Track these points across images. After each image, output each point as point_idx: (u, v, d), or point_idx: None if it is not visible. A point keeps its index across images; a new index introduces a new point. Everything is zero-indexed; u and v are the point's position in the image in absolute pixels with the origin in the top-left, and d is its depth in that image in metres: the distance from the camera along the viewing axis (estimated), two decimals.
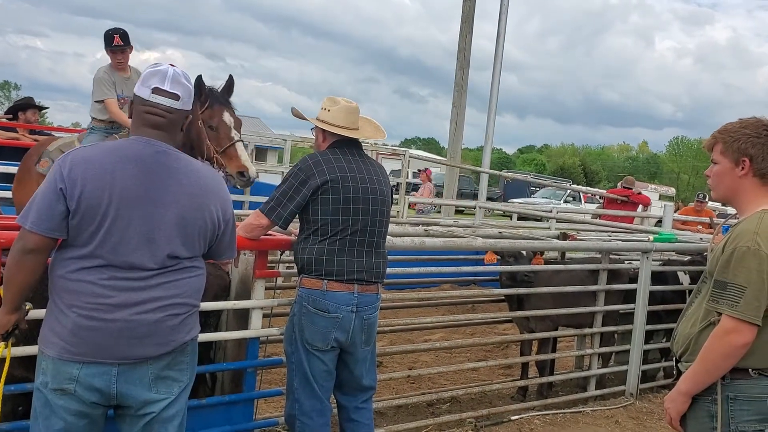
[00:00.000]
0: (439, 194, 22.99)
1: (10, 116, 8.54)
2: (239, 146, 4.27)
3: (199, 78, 4.13)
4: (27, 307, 2.50)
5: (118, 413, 2.50)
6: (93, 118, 5.88)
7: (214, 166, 4.21)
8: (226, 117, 4.26)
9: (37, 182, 5.60)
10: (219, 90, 4.32)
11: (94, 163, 2.37)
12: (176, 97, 2.49)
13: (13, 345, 2.55)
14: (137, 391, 2.42)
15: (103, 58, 6.05)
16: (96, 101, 5.74)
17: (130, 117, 2.58)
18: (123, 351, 2.37)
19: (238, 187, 4.38)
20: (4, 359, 2.58)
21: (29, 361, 2.66)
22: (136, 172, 2.39)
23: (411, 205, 12.05)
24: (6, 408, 2.70)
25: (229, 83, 4.38)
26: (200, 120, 4.19)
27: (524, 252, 5.14)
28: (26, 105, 8.53)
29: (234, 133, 4.27)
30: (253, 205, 8.21)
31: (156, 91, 2.47)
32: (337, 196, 3.30)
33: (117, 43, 5.70)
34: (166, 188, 2.43)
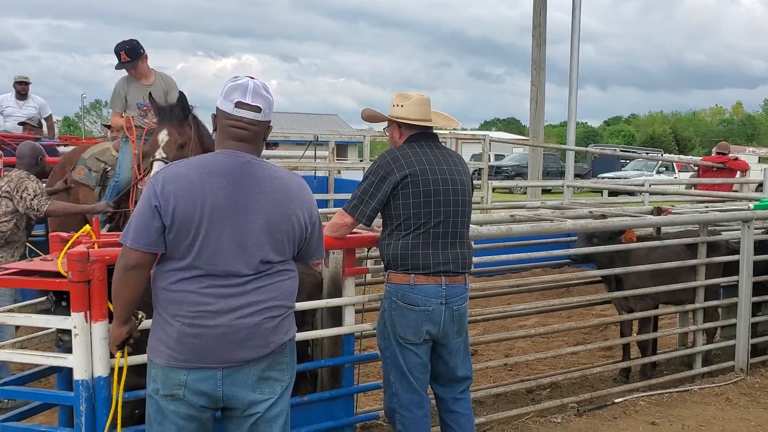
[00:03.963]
0: (523, 175, 22.64)
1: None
2: (155, 165, 4.45)
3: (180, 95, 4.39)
4: (140, 316, 2.66)
5: (225, 415, 2.61)
6: None
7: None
8: (162, 135, 4.44)
9: (75, 190, 5.80)
10: (173, 106, 4.47)
11: (185, 178, 2.48)
12: (258, 109, 2.57)
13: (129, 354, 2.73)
14: (242, 392, 2.52)
15: (183, 68, 6.27)
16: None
17: (214, 130, 2.68)
18: (226, 355, 2.47)
19: None
20: (121, 368, 2.76)
21: (139, 368, 2.82)
22: (224, 184, 2.49)
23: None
24: (125, 413, 2.88)
25: (181, 98, 4.52)
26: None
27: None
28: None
29: (159, 152, 4.45)
30: (337, 203, 8.34)
31: (238, 105, 2.55)
32: (417, 190, 3.31)
33: (124, 60, 5.71)
34: (253, 197, 2.52)
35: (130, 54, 5.71)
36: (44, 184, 5.29)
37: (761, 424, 4.54)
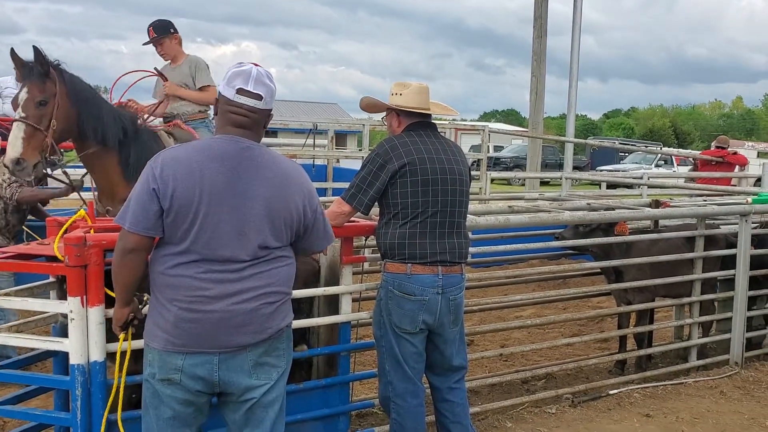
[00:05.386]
0: (522, 167, 22.64)
1: None
2: (14, 126, 4.10)
3: (34, 49, 4.06)
4: (145, 298, 2.67)
5: (221, 400, 2.62)
6: None
7: None
8: (21, 94, 4.11)
9: None
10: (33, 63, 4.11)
11: (183, 162, 2.47)
12: (259, 97, 2.56)
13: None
14: (238, 378, 2.53)
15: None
16: None
17: (215, 114, 2.68)
18: (222, 340, 2.48)
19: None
20: (124, 352, 2.75)
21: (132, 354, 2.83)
22: (223, 168, 2.48)
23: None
24: (123, 397, 2.88)
25: (36, 53, 4.11)
26: None
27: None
28: None
29: (18, 112, 4.09)
30: (336, 192, 8.34)
31: (240, 91, 2.55)
32: (415, 179, 3.31)
33: (151, 36, 5.62)
34: (252, 182, 2.51)
35: (157, 30, 5.62)
36: None
37: (754, 417, 4.56)
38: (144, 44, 5.66)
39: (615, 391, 4.83)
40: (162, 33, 5.62)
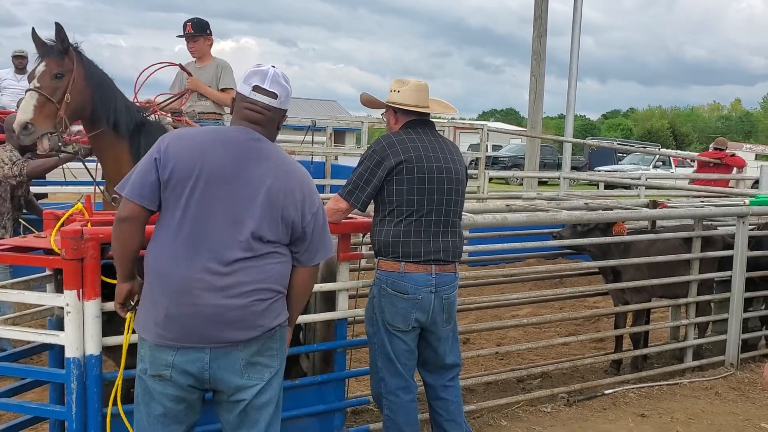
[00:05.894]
0: (520, 166, 22.66)
1: None
2: (27, 95, 4.13)
3: (56, 26, 4.13)
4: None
5: (215, 399, 2.62)
6: None
7: None
8: (39, 67, 4.17)
9: None
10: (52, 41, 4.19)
11: (190, 141, 2.53)
12: (274, 95, 2.59)
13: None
14: (229, 376, 2.52)
15: (181, 51, 6.23)
16: None
17: (231, 113, 2.70)
18: (213, 335, 2.47)
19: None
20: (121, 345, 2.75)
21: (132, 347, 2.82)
22: (226, 152, 2.51)
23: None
24: (122, 390, 2.88)
25: (58, 30, 4.19)
26: None
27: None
28: None
29: (33, 83, 4.14)
30: (334, 189, 8.33)
31: (256, 89, 2.58)
32: (411, 176, 3.30)
33: (188, 31, 5.81)
34: (255, 170, 2.52)
35: (195, 27, 5.81)
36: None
37: (749, 418, 4.57)
38: (177, 36, 5.85)
39: (610, 390, 4.84)
40: (199, 31, 5.83)
